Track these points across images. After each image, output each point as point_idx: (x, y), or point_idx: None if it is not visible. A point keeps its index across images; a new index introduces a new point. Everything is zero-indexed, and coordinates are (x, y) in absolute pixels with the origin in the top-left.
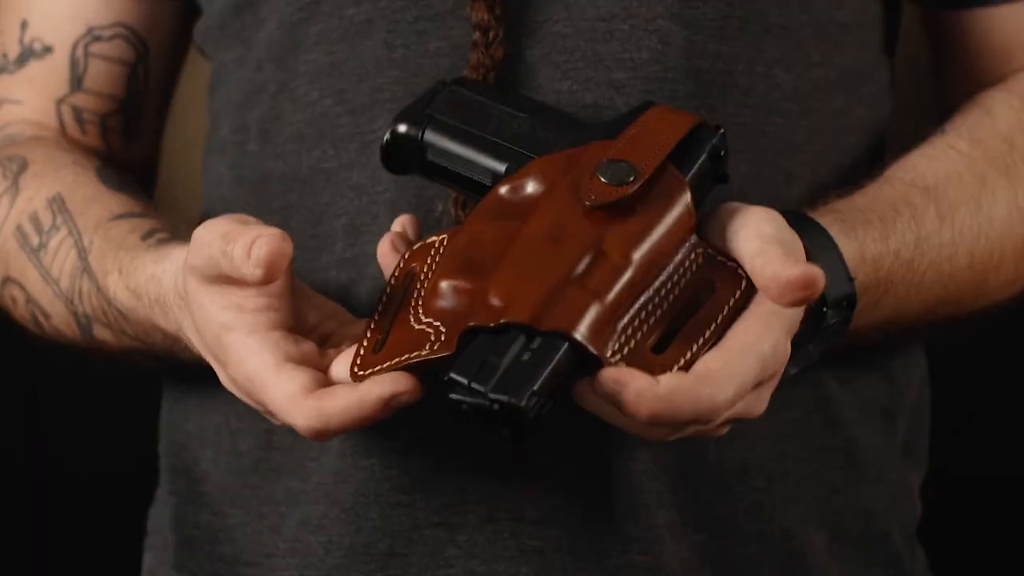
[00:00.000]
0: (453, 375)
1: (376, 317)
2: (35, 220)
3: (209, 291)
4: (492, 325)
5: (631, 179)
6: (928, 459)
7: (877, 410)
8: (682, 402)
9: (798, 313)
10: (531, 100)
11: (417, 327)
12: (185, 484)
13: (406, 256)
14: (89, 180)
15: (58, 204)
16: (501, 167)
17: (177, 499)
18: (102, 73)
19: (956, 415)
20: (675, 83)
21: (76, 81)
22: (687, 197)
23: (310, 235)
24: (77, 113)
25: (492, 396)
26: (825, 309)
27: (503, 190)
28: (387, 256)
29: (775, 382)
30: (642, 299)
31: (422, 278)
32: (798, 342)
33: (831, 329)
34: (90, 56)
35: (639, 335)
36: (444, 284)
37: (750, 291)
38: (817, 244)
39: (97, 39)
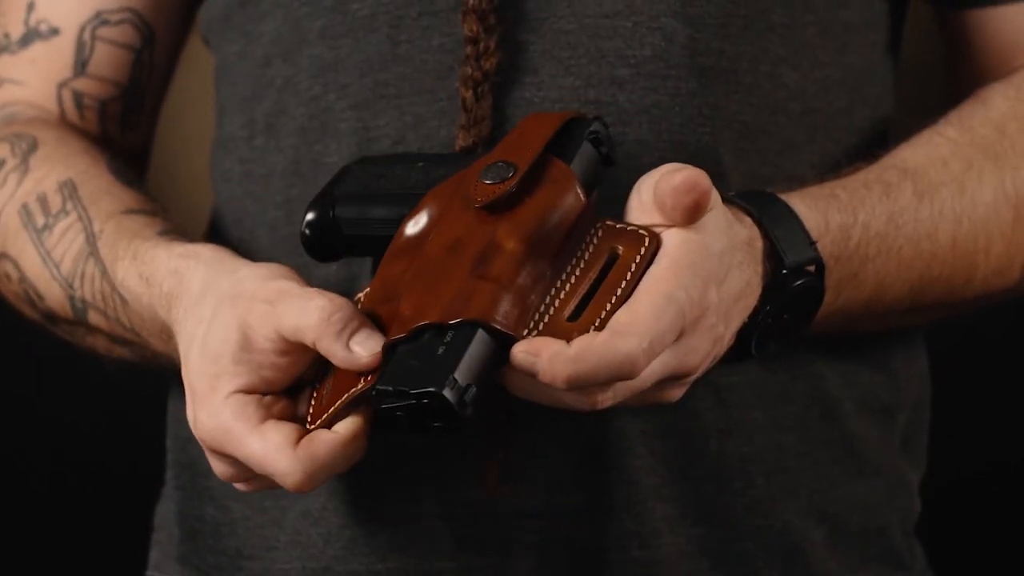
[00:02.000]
0: (379, 387)
1: (318, 377)
2: (43, 202)
3: (239, 338)
4: (405, 334)
5: (511, 175)
6: (927, 458)
7: (876, 405)
8: (595, 359)
9: (717, 262)
10: (424, 154)
11: None
12: (190, 478)
13: None
14: (101, 172)
15: (69, 190)
16: (406, 211)
17: (182, 493)
18: (107, 58)
19: (955, 414)
20: (678, 80)
21: (80, 65)
22: (573, 181)
23: None
24: (78, 98)
25: (414, 392)
26: (784, 271)
27: (406, 228)
28: None
29: (708, 333)
30: (548, 281)
31: None
32: (765, 309)
33: (800, 296)
34: (97, 40)
35: (552, 310)
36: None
37: (654, 246)
38: (773, 212)
39: (105, 23)
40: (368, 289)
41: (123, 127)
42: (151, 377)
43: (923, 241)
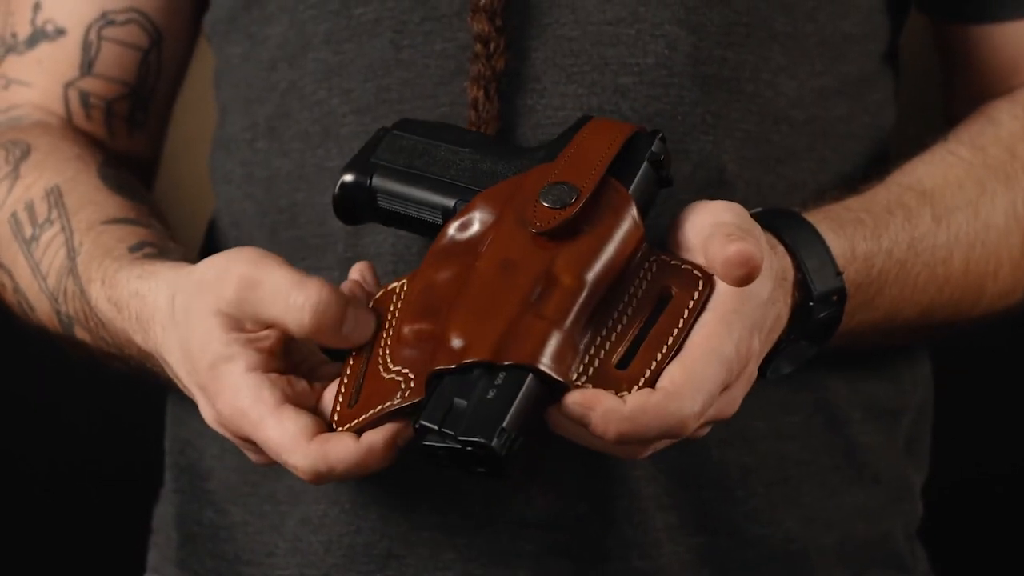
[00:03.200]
0: (423, 422)
1: (347, 369)
2: (31, 210)
3: (219, 321)
4: (455, 366)
5: (572, 200)
6: (930, 460)
7: (882, 410)
8: (649, 420)
9: (763, 309)
10: (471, 133)
11: (387, 376)
12: (189, 481)
13: (369, 305)
14: (89, 178)
15: (55, 197)
16: (450, 203)
17: (181, 496)
18: (113, 58)
19: (957, 417)
20: (681, 89)
21: (87, 65)
22: (632, 210)
23: (315, 234)
24: (84, 97)
25: (462, 439)
26: (811, 303)
27: (451, 229)
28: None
29: (747, 381)
30: (600, 318)
31: (386, 326)
32: (788, 338)
33: (822, 324)
34: (103, 40)
35: (602, 354)
36: (407, 330)
37: (708, 290)
38: (803, 239)
39: (111, 23)
40: (404, 282)
41: (130, 127)
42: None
43: (938, 267)
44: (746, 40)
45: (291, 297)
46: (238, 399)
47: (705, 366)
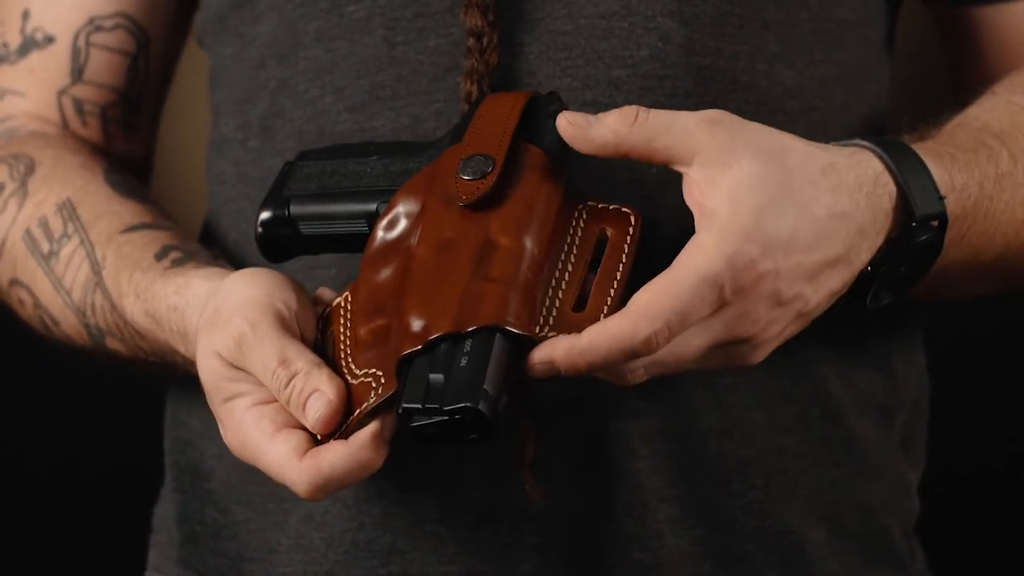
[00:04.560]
0: (405, 405)
1: None
2: (45, 226)
3: (221, 363)
4: (421, 346)
5: (490, 169)
6: (926, 457)
7: (875, 405)
8: (609, 344)
9: (780, 222)
10: (374, 143)
11: (356, 382)
12: (190, 481)
13: (319, 325)
14: (98, 186)
15: (68, 211)
16: (372, 206)
17: (182, 496)
18: (103, 64)
19: (954, 413)
20: (675, 80)
21: (77, 72)
22: (549, 165)
23: None
24: (78, 104)
25: (448, 409)
26: (913, 224)
27: (380, 231)
28: None
29: (767, 299)
30: (546, 270)
31: (342, 338)
32: (889, 263)
33: (921, 250)
34: (91, 46)
35: (557, 302)
36: (363, 332)
37: (638, 224)
38: (906, 163)
39: (99, 29)
40: (347, 294)
41: (125, 131)
42: (152, 379)
43: (1017, 208)
44: (739, 30)
45: (274, 375)
46: (242, 431)
47: (678, 285)
